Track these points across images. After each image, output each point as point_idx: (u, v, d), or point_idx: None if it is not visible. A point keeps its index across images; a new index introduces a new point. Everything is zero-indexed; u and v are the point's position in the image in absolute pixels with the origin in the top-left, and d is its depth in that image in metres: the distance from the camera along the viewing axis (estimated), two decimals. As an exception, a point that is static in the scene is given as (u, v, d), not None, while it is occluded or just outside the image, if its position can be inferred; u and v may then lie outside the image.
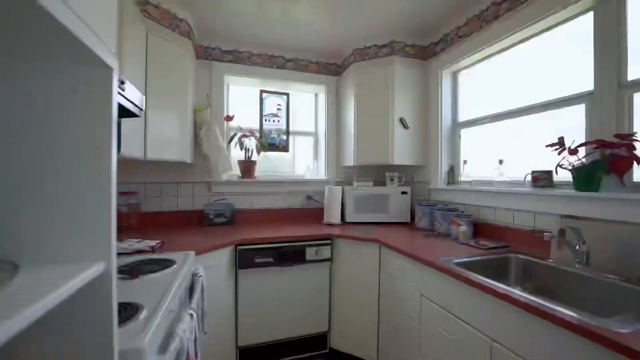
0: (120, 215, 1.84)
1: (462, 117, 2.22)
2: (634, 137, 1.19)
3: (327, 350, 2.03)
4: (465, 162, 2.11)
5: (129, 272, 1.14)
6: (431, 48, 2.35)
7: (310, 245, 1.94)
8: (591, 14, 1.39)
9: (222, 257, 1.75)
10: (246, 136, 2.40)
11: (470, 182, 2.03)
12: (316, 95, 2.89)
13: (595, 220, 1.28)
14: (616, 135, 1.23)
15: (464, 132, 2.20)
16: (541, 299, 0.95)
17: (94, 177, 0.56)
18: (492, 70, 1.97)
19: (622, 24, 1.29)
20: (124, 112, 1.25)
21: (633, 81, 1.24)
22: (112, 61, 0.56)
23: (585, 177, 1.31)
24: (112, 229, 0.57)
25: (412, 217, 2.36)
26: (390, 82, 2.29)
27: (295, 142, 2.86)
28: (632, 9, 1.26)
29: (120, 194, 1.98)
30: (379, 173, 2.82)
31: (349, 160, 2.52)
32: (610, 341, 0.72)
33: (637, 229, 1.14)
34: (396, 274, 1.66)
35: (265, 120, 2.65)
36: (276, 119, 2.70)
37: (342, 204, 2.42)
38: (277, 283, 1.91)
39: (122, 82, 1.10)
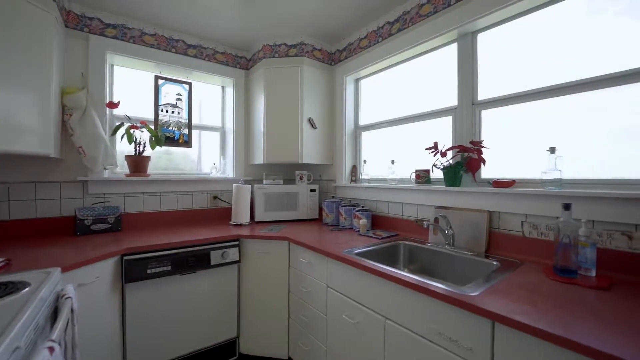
0: None
1: (363, 121, 2.45)
2: (482, 144, 1.54)
3: (236, 357, 1.93)
4: (365, 161, 2.34)
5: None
6: (337, 54, 2.51)
7: (215, 248, 1.81)
8: (456, 44, 1.73)
9: (103, 271, 1.45)
10: (136, 127, 2.07)
11: (369, 180, 2.26)
12: (223, 88, 2.72)
13: (458, 209, 1.60)
14: (471, 142, 1.56)
15: (365, 135, 2.43)
16: (422, 277, 1.13)
17: None
18: (389, 80, 2.24)
19: (474, 57, 1.65)
20: None
21: (480, 101, 1.61)
22: None
23: (451, 175, 1.62)
24: None
25: (321, 213, 2.48)
26: (300, 83, 2.35)
27: (201, 138, 2.63)
28: (481, 47, 1.64)
29: None
30: (288, 171, 2.86)
31: (259, 158, 2.46)
32: (465, 303, 0.91)
33: (482, 215, 1.49)
34: (304, 269, 1.71)
35: (162, 110, 2.34)
36: (176, 110, 2.41)
37: (252, 203, 2.35)
38: (178, 293, 1.71)
39: None
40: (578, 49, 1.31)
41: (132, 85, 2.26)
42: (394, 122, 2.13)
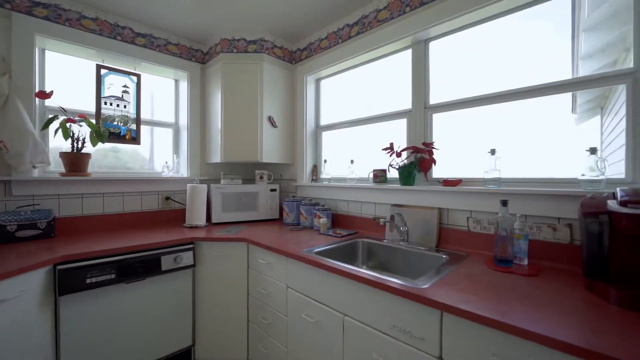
0: None
1: (324, 121, 2.47)
2: (433, 146, 1.64)
3: (190, 367, 1.83)
4: (325, 161, 2.36)
5: None
6: (298, 53, 2.50)
7: (167, 253, 1.69)
8: (410, 51, 1.82)
9: (30, 284, 1.27)
10: (73, 121, 1.85)
11: (329, 180, 2.29)
12: (177, 81, 2.56)
13: (412, 207, 1.69)
14: (423, 143, 1.66)
15: (325, 135, 2.46)
16: (378, 272, 1.17)
17: None
18: (349, 82, 2.28)
19: (426, 63, 1.75)
20: None
21: (432, 105, 1.71)
22: None
23: (405, 174, 1.70)
24: None
25: (281, 213, 2.45)
26: (259, 80, 2.29)
27: (153, 135, 2.44)
28: (432, 54, 1.74)
29: None
30: (248, 171, 2.79)
31: (216, 156, 2.36)
32: (417, 296, 0.96)
33: (433, 211, 1.58)
34: (264, 270, 1.68)
35: (106, 103, 2.13)
36: (122, 103, 2.21)
37: (208, 204, 2.25)
38: (124, 303, 1.56)
39: None
40: (516, 61, 1.45)
41: (69, 74, 2.03)
42: (354, 122, 2.18)
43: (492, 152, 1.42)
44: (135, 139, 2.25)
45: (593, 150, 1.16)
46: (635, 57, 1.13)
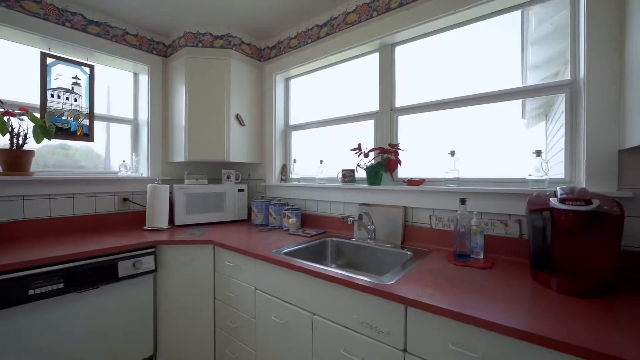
0: None
1: (293, 120, 2.46)
2: (398, 147, 1.70)
3: (151, 378, 1.73)
4: (295, 161, 2.35)
5: None
6: (267, 51, 2.46)
7: (125, 258, 1.58)
8: (377, 54, 1.88)
9: (-42, 297, 1.12)
10: (13, 114, 1.66)
11: (299, 179, 2.28)
12: (136, 74, 2.40)
13: (379, 206, 1.74)
14: (389, 144, 1.71)
15: (295, 134, 2.45)
16: (347, 271, 1.19)
17: None
18: (319, 82, 2.29)
19: (392, 67, 1.81)
20: None
21: (397, 107, 1.78)
22: None
23: (372, 174, 1.75)
24: None
25: (250, 214, 2.40)
26: (227, 77, 2.22)
27: (110, 131, 2.27)
28: (398, 58, 1.81)
29: None
30: (214, 170, 2.69)
31: (179, 155, 2.25)
32: (383, 292, 0.99)
33: (399, 210, 1.65)
34: (231, 273, 1.63)
35: (53, 96, 1.94)
36: (72, 96, 2.02)
37: (171, 205, 2.13)
38: (74, 315, 1.43)
39: None
40: (475, 68, 1.55)
41: (7, 61, 1.81)
42: (323, 123, 2.19)
43: (452, 153, 1.51)
44: (87, 136, 2.07)
45: (538, 153, 1.28)
46: (572, 70, 1.26)
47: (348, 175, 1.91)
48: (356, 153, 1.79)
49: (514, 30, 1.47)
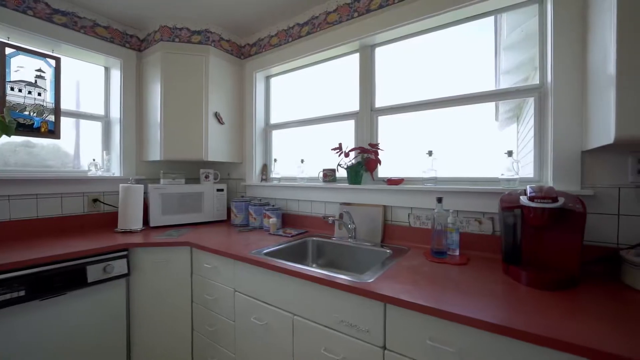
0: None
1: (274, 119, 2.43)
2: (378, 146, 1.73)
3: (123, 387, 1.65)
4: (275, 160, 2.32)
5: None
6: (247, 48, 2.42)
7: (94, 262, 1.50)
8: (358, 54, 1.89)
9: None
10: (-33, 108, 1.53)
11: (279, 179, 2.26)
12: (107, 69, 2.28)
13: (359, 205, 1.76)
14: (369, 144, 1.73)
15: (275, 133, 2.42)
16: (327, 270, 1.19)
17: None
18: (300, 81, 2.27)
19: (373, 68, 1.84)
20: None
21: (377, 108, 1.80)
22: None
23: (353, 174, 1.76)
24: None
25: (229, 214, 2.35)
26: (205, 73, 2.16)
27: (79, 128, 2.15)
28: (378, 59, 1.83)
29: None
30: (192, 169, 2.62)
31: (155, 154, 2.16)
32: (363, 290, 0.99)
33: (379, 209, 1.67)
34: (209, 275, 1.59)
35: (13, 89, 1.80)
36: (35, 90, 1.89)
37: (145, 206, 2.05)
38: (37, 325, 1.34)
39: None
40: (453, 71, 1.60)
41: (-42, 50, 1.67)
42: (304, 122, 2.18)
43: (430, 153, 1.54)
44: (53, 133, 1.94)
45: (510, 153, 1.34)
46: (540, 75, 1.33)
47: (329, 175, 1.91)
48: (337, 153, 1.80)
49: (488, 36, 1.53)
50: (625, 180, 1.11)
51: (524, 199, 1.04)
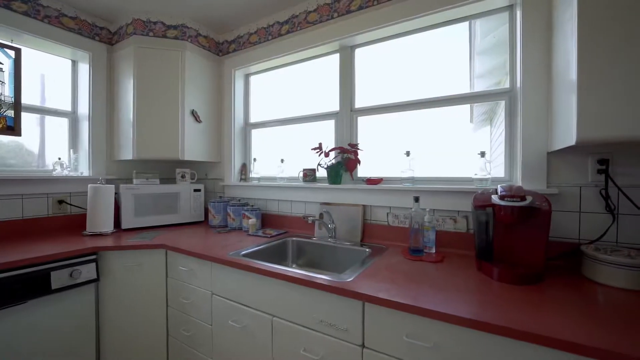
0: None
1: (253, 118, 2.39)
2: (358, 147, 1.74)
3: (92, 398, 1.56)
4: (255, 159, 2.29)
5: None
6: (225, 45, 2.36)
7: (59, 267, 1.41)
8: (338, 55, 1.90)
9: None
10: None
11: (259, 179, 2.23)
12: (75, 62, 2.15)
13: (339, 205, 1.76)
14: (349, 144, 1.74)
15: (255, 132, 2.38)
16: (307, 270, 1.18)
17: None
18: (280, 80, 2.25)
19: (352, 68, 1.85)
20: None
21: (357, 108, 1.82)
22: None
23: (333, 174, 1.77)
24: None
25: (207, 215, 2.28)
26: (181, 69, 2.09)
27: (45, 125, 2.01)
28: (358, 60, 1.85)
29: None
30: (167, 169, 2.53)
31: (127, 152, 2.06)
32: (342, 289, 1.00)
33: (358, 208, 1.68)
34: (185, 278, 1.54)
35: (-34, 81, 1.66)
36: (-8, 83, 1.75)
37: (117, 208, 1.95)
38: (-8, 335, 1.24)
39: None
40: (430, 73, 1.64)
41: None
42: (284, 121, 2.16)
43: (407, 153, 1.58)
44: (12, 129, 1.81)
45: (483, 154, 1.39)
46: (510, 79, 1.39)
47: (309, 175, 1.91)
48: (317, 152, 1.80)
49: (463, 41, 1.58)
50: (586, 180, 1.18)
51: (495, 198, 1.09)
